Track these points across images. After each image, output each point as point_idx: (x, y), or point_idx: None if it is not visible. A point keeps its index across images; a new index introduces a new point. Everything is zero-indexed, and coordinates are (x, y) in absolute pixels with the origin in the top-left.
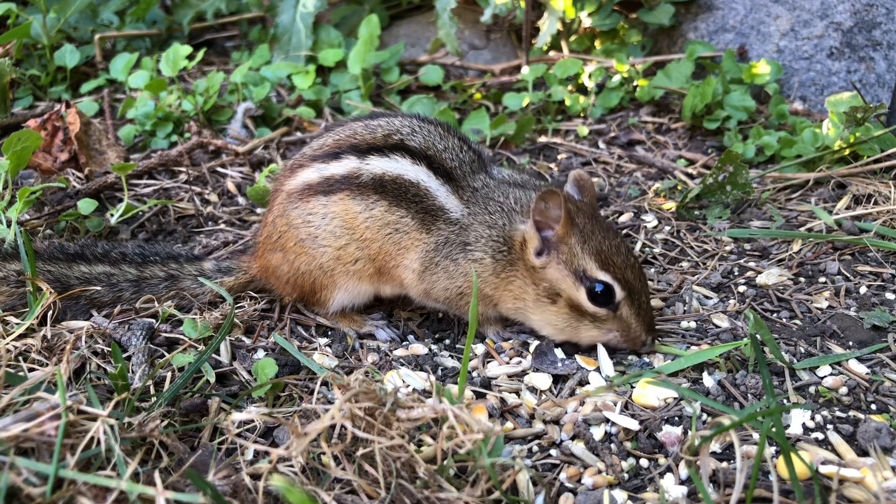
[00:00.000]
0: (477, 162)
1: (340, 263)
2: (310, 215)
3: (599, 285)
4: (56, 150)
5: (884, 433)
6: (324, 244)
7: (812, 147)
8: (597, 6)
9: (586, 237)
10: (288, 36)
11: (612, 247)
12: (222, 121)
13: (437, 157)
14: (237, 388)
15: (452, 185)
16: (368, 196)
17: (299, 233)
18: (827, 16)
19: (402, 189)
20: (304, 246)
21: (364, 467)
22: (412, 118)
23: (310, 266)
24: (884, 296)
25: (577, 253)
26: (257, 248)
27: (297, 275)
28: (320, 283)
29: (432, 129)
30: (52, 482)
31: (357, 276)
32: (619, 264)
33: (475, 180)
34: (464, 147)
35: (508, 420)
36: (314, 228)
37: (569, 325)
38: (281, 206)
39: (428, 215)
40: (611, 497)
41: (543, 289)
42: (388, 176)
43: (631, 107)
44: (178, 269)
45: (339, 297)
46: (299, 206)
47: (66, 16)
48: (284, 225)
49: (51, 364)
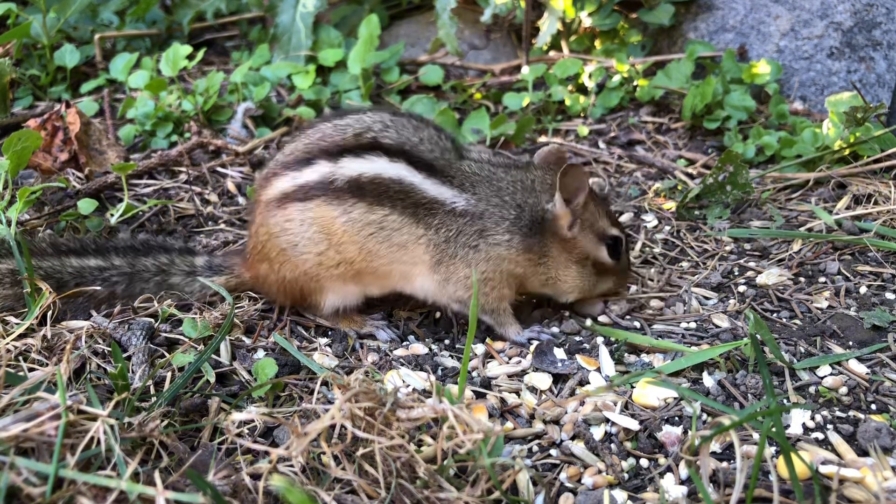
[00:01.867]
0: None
1: (323, 268)
2: (287, 222)
3: (611, 240)
4: (56, 150)
5: (884, 433)
6: (304, 251)
7: (812, 147)
8: (597, 6)
9: (597, 202)
10: (288, 36)
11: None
12: (222, 121)
13: (414, 150)
14: (237, 388)
15: (438, 175)
16: (345, 200)
17: (280, 242)
18: (827, 16)
19: (383, 188)
20: (287, 255)
21: (364, 467)
22: (382, 113)
23: (294, 273)
24: (884, 296)
25: (598, 217)
26: (248, 259)
27: (285, 283)
28: (308, 289)
29: (405, 122)
30: (52, 482)
31: (341, 278)
32: (615, 218)
33: (462, 165)
34: (440, 136)
35: (508, 420)
36: (293, 236)
37: (593, 283)
38: (261, 216)
39: (421, 209)
40: (611, 497)
41: (575, 255)
42: (364, 177)
43: (631, 107)
44: (170, 264)
45: (329, 300)
46: (277, 214)
47: (66, 16)
48: (265, 234)
49: (51, 364)
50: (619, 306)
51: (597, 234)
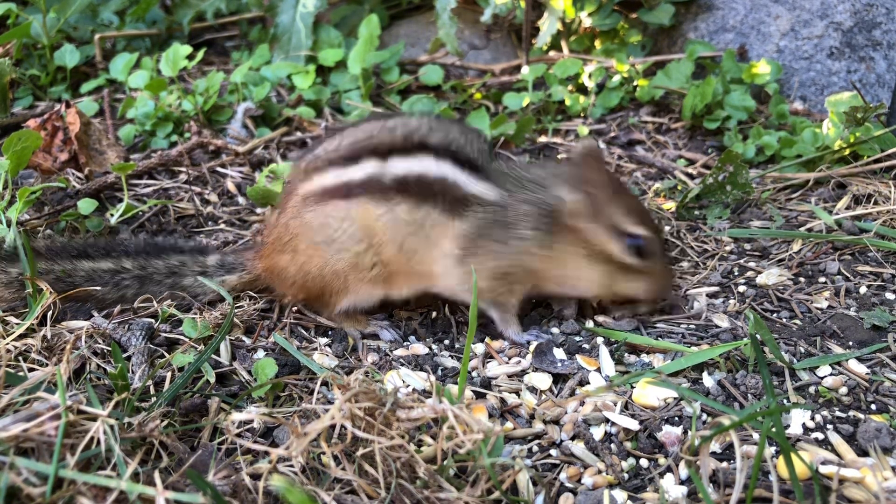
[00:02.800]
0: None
1: (356, 270)
2: (328, 218)
3: (632, 238)
4: (56, 150)
5: (884, 433)
6: (341, 248)
7: (812, 147)
8: (597, 6)
9: (620, 196)
10: (288, 36)
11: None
12: (222, 121)
13: (460, 150)
14: (237, 388)
15: (478, 173)
16: (391, 198)
17: (315, 236)
18: (827, 16)
19: (426, 186)
20: (319, 251)
21: (364, 467)
22: (427, 118)
23: (322, 271)
24: (884, 296)
25: (615, 210)
26: (264, 249)
27: (307, 277)
28: (331, 288)
29: (449, 125)
30: (52, 482)
31: (371, 282)
32: (646, 216)
33: (497, 165)
34: (480, 138)
35: (508, 420)
36: (332, 231)
37: (610, 282)
38: (295, 208)
39: (458, 204)
40: (611, 497)
41: (589, 249)
42: (411, 175)
43: (631, 107)
44: (181, 265)
45: (347, 301)
46: (316, 209)
47: (66, 16)
48: (297, 227)
49: (51, 364)
50: (621, 312)
51: (611, 228)
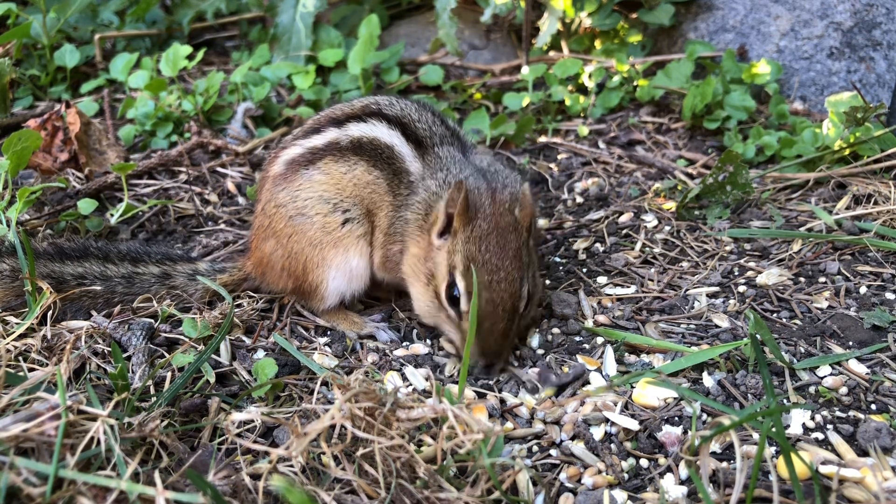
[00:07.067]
0: (451, 138)
1: (327, 233)
2: (297, 191)
3: (454, 287)
4: (56, 150)
5: (884, 433)
6: (311, 214)
7: (812, 147)
8: (597, 6)
9: (474, 239)
10: (288, 36)
11: (491, 260)
12: (222, 121)
13: (411, 125)
14: (237, 388)
15: (420, 150)
16: (349, 158)
17: (288, 210)
18: (827, 16)
19: (378, 151)
20: (294, 223)
21: (364, 467)
22: (389, 96)
23: (301, 244)
24: (884, 296)
25: (459, 249)
26: (250, 244)
27: (291, 257)
28: (312, 262)
29: (408, 103)
30: (52, 482)
31: (344, 246)
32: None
33: (442, 150)
34: (437, 122)
35: (508, 420)
36: (301, 202)
37: (433, 312)
38: (268, 192)
39: (395, 177)
40: (611, 497)
41: (428, 268)
42: (365, 138)
43: (631, 107)
44: (173, 268)
45: (333, 282)
46: (285, 186)
47: (66, 16)
48: (273, 208)
49: (51, 364)
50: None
51: (449, 265)
